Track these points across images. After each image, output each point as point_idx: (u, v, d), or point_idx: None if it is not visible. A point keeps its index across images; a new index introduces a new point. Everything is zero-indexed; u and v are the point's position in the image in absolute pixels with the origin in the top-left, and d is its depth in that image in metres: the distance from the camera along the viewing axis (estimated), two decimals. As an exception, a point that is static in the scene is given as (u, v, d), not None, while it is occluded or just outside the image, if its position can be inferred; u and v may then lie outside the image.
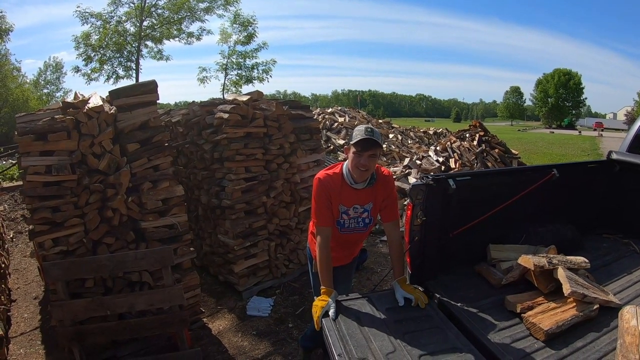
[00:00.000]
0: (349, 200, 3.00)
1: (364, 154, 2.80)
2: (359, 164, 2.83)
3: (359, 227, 3.12)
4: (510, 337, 2.70)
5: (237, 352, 4.33)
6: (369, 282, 5.65)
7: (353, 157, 2.85)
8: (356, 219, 3.08)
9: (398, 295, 2.97)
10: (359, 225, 3.11)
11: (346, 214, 3.05)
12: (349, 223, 3.08)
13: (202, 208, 5.75)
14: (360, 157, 2.81)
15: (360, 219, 3.08)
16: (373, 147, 2.81)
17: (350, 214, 3.05)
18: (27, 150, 3.72)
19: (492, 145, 9.71)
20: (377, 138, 2.83)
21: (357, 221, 3.09)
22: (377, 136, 2.83)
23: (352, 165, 2.88)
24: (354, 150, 2.83)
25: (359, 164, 2.82)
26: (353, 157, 2.85)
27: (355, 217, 3.07)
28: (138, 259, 3.80)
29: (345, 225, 3.08)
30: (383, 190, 3.05)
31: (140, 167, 4.09)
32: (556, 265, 2.99)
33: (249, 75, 30.05)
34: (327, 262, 2.97)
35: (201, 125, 5.40)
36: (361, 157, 2.81)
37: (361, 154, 2.80)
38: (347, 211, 3.04)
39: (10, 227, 9.10)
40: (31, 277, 6.69)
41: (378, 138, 2.83)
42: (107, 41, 25.34)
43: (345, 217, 3.06)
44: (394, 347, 2.62)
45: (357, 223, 3.10)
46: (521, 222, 3.76)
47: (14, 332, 5.00)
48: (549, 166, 3.79)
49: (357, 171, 2.86)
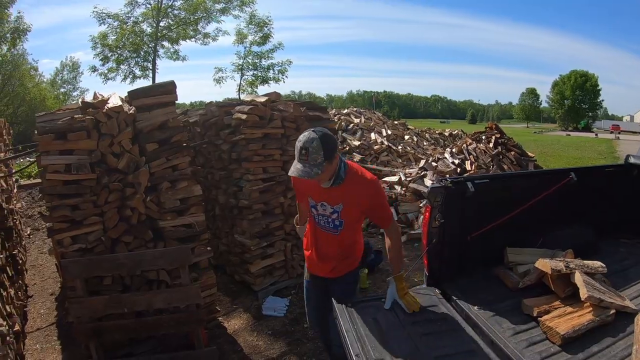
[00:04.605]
0: (318, 195, 2.92)
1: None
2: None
3: (329, 227, 3.00)
4: (527, 340, 2.69)
5: (253, 352, 4.36)
6: (384, 284, 5.63)
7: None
8: (325, 217, 2.98)
9: (389, 294, 2.99)
10: (329, 225, 2.99)
11: (315, 209, 3.00)
12: (319, 219, 3.02)
13: (219, 208, 5.79)
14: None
15: (330, 220, 2.96)
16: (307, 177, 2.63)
17: (319, 210, 2.98)
18: (47, 149, 3.76)
19: (508, 148, 9.63)
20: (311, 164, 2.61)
21: (327, 221, 2.98)
22: (311, 159, 2.60)
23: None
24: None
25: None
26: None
27: (325, 215, 2.97)
28: (156, 257, 3.85)
29: (316, 219, 3.02)
30: (358, 196, 2.83)
31: (159, 166, 4.13)
32: (573, 270, 2.97)
33: (264, 76, 30.02)
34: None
35: (219, 126, 5.43)
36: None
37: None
38: (316, 206, 2.98)
39: (28, 224, 9.22)
40: (48, 274, 6.78)
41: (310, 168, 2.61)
42: (124, 41, 25.51)
43: (314, 211, 3.02)
44: (411, 348, 2.62)
45: (327, 223, 2.99)
46: (538, 226, 3.74)
47: (30, 327, 5.08)
48: (567, 170, 3.78)
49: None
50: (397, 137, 16.17)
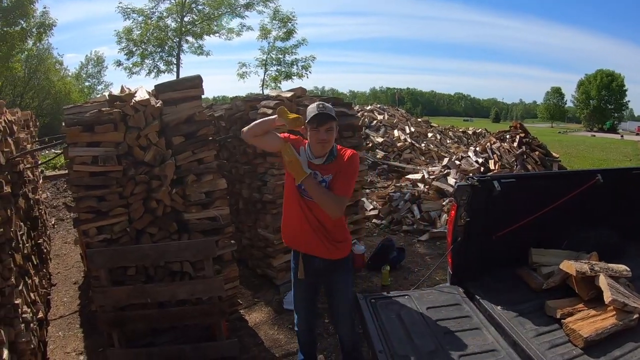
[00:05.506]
0: (312, 166, 3.04)
1: (321, 128, 2.91)
2: (318, 140, 2.93)
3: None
4: (549, 342, 2.69)
5: (273, 345, 4.38)
6: (405, 281, 5.64)
7: (311, 134, 2.96)
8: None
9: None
10: None
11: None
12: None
13: (242, 202, 5.82)
14: (319, 132, 2.92)
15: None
16: (328, 120, 2.91)
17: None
18: (75, 141, 3.82)
19: (532, 148, 9.51)
20: (330, 112, 2.92)
21: None
22: (329, 110, 2.93)
23: (312, 142, 2.98)
24: (311, 127, 2.93)
25: (319, 139, 2.93)
26: (311, 134, 2.96)
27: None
28: (181, 249, 3.90)
29: (302, 186, 3.04)
30: (342, 164, 3.03)
31: (185, 159, 4.16)
32: (598, 273, 2.96)
33: (288, 71, 30.01)
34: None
35: (244, 120, 5.42)
36: (319, 132, 2.92)
37: (318, 129, 2.91)
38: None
39: (52, 214, 9.42)
40: (71, 263, 6.91)
41: (331, 112, 2.93)
42: (149, 36, 25.77)
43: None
44: (435, 346, 2.63)
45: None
46: (563, 227, 3.71)
47: (54, 315, 5.18)
48: (593, 171, 3.74)
49: (317, 146, 2.97)
50: (420, 135, 16.13)
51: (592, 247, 3.47)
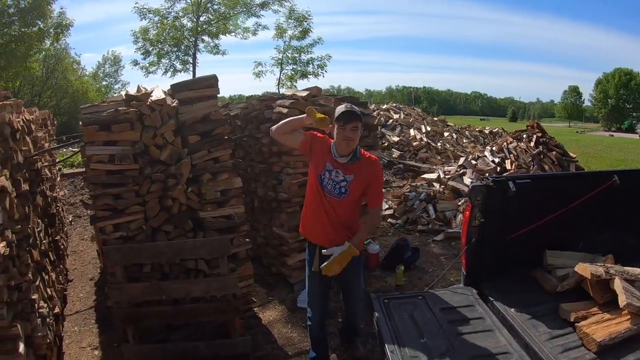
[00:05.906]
0: (335, 163, 3.24)
1: (347, 126, 3.07)
2: (344, 137, 3.10)
3: (334, 192, 3.24)
4: (562, 346, 2.67)
5: (286, 343, 4.40)
6: (420, 281, 5.61)
7: (338, 131, 3.12)
8: (334, 183, 3.24)
9: (335, 251, 3.18)
10: (334, 190, 3.24)
11: (329, 173, 3.25)
12: (327, 182, 3.25)
13: (258, 200, 5.84)
14: (345, 130, 3.08)
15: (338, 186, 3.23)
16: (355, 119, 3.08)
17: (332, 175, 3.24)
18: (92, 139, 3.87)
19: (549, 148, 9.40)
20: (357, 112, 3.11)
21: (335, 186, 3.24)
22: (356, 110, 3.11)
23: (338, 139, 3.14)
24: (338, 125, 3.10)
25: (345, 136, 3.09)
26: (338, 131, 3.12)
27: (335, 181, 3.23)
28: (197, 247, 3.94)
29: (324, 182, 3.25)
30: (367, 172, 3.23)
31: (201, 158, 4.20)
32: (613, 276, 2.92)
33: (304, 70, 30.01)
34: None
35: (260, 119, 5.48)
36: (345, 130, 3.08)
37: (344, 127, 3.08)
38: (331, 171, 3.24)
39: (70, 211, 9.54)
40: (88, 259, 6.99)
41: (358, 112, 3.11)
42: (165, 36, 25.93)
43: (327, 175, 3.25)
44: (447, 347, 2.63)
45: (334, 187, 3.24)
46: (579, 229, 3.68)
47: (70, 310, 5.25)
48: (610, 172, 3.70)
49: (342, 144, 3.14)
50: (436, 134, 16.06)
51: (608, 250, 3.44)
